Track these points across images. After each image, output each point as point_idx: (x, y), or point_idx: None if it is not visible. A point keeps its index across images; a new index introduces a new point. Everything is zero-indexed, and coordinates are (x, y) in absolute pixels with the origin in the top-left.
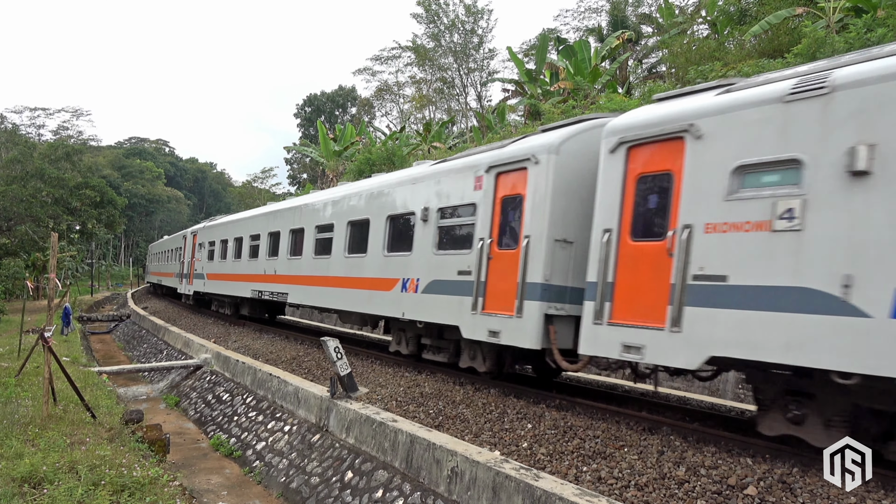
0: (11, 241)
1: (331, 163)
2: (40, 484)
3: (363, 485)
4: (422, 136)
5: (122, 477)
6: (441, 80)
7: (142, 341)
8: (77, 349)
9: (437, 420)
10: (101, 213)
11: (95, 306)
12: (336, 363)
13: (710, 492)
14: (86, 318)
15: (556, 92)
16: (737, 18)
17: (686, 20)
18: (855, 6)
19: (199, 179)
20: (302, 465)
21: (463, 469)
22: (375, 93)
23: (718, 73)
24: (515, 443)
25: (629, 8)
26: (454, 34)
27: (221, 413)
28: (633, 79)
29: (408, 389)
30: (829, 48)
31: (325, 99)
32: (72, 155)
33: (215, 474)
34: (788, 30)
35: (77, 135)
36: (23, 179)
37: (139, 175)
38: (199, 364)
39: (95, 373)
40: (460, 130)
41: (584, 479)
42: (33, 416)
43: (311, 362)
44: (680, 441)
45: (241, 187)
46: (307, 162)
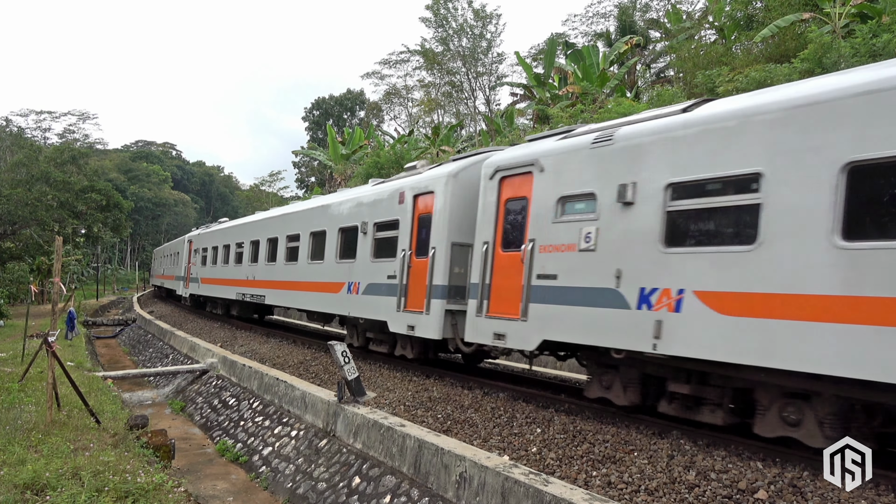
0: (16, 244)
1: (339, 166)
2: (43, 490)
3: (371, 490)
4: (430, 140)
5: (126, 483)
6: (450, 83)
7: (147, 346)
8: (82, 354)
9: (445, 425)
10: (106, 217)
11: (101, 310)
12: (343, 367)
13: (720, 496)
14: (91, 322)
15: (565, 96)
16: (744, 24)
17: (694, 25)
18: (860, 12)
19: (207, 183)
20: (309, 471)
21: (471, 474)
22: (384, 96)
23: (726, 77)
24: (524, 447)
25: (637, 13)
26: (463, 38)
27: (227, 418)
28: (642, 83)
29: (416, 394)
30: (835, 53)
31: (333, 102)
32: (78, 158)
33: (221, 480)
34: (795, 35)
35: (83, 138)
36: (28, 183)
37: (146, 178)
38: (205, 368)
39: (100, 377)
40: (469, 134)
41: (594, 484)
42: (36, 422)
43: (318, 367)
44: (690, 445)
45: (249, 191)
46: (315, 165)
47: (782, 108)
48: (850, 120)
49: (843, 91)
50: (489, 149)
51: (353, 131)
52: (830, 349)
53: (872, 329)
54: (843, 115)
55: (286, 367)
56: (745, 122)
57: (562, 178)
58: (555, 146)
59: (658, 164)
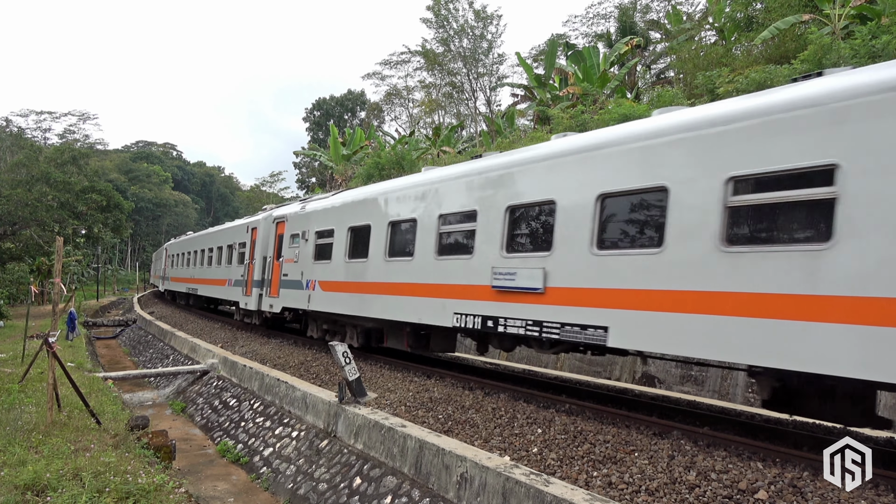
0: (16, 245)
1: (340, 167)
2: (44, 491)
3: (372, 491)
4: (431, 141)
5: (126, 484)
6: (450, 84)
7: (148, 346)
8: (82, 354)
9: (446, 425)
10: (107, 218)
11: (101, 311)
12: (344, 368)
13: (721, 496)
14: (91, 322)
15: (566, 97)
16: (744, 25)
17: (694, 26)
18: (860, 14)
19: (207, 183)
20: (310, 472)
21: (472, 475)
22: (385, 97)
23: (726, 78)
24: (525, 448)
25: (637, 14)
26: (464, 39)
27: (228, 419)
28: (642, 84)
29: (417, 394)
30: (835, 54)
31: (334, 103)
32: (78, 159)
33: (222, 481)
34: (795, 36)
35: (83, 138)
36: (28, 183)
37: (146, 179)
38: (205, 369)
39: (101, 378)
40: (469, 135)
41: (595, 485)
42: (37, 423)
43: (319, 367)
44: (690, 445)
45: (250, 191)
46: (316, 166)
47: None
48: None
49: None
50: (279, 205)
51: (353, 132)
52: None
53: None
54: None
55: (287, 367)
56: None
57: (292, 226)
58: (292, 208)
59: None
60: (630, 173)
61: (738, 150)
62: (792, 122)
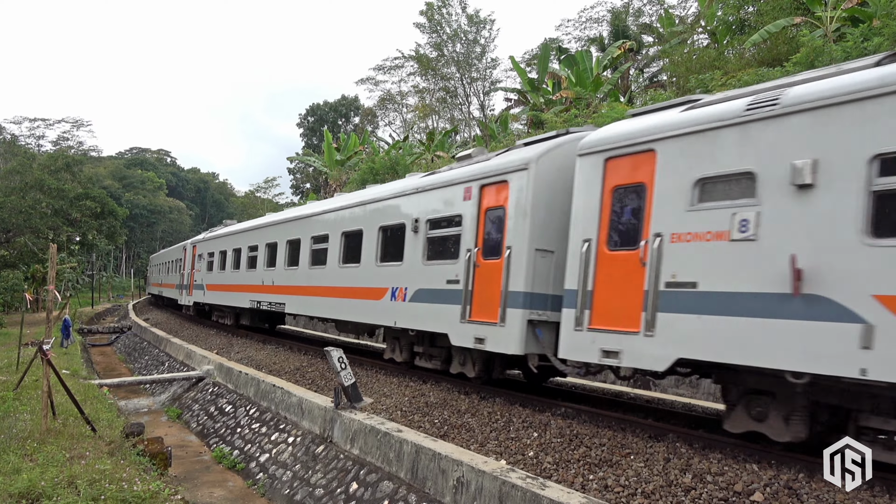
0: (10, 252)
1: (334, 172)
2: (38, 499)
3: (368, 496)
4: (425, 146)
5: (122, 491)
6: (444, 89)
7: (143, 353)
8: (77, 362)
9: (442, 430)
10: (101, 225)
11: (96, 318)
12: (340, 373)
13: (716, 498)
14: (86, 330)
15: (559, 101)
16: (736, 28)
17: (686, 30)
18: (851, 16)
19: (202, 190)
20: (306, 477)
21: (469, 479)
22: (378, 102)
23: (718, 81)
24: (521, 452)
25: (630, 18)
26: (457, 44)
27: (224, 425)
28: (635, 88)
29: (413, 399)
30: (827, 57)
31: (327, 108)
32: (72, 166)
33: (218, 487)
34: (787, 39)
35: (77, 145)
36: (22, 191)
37: (140, 186)
38: (201, 376)
39: (96, 385)
40: (463, 140)
41: (591, 488)
42: (32, 431)
43: (314, 373)
44: (686, 448)
45: (244, 197)
46: (310, 172)
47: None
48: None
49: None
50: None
51: (348, 137)
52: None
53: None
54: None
55: (282, 373)
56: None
57: (199, 248)
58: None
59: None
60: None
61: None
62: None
